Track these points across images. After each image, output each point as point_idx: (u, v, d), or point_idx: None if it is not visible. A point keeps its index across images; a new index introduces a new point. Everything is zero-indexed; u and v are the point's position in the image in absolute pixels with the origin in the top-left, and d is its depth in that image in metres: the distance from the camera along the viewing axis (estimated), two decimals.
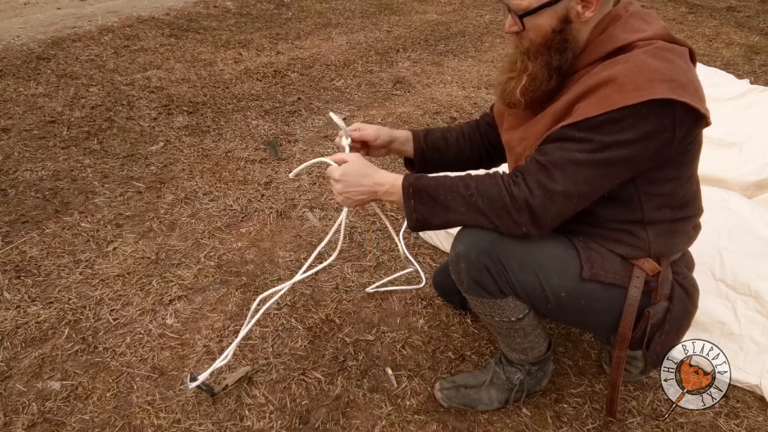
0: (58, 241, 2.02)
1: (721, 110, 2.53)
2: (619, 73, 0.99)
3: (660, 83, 0.95)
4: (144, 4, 5.01)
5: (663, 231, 1.14)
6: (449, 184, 1.12)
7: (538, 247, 1.14)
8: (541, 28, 1.06)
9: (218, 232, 2.11)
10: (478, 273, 1.15)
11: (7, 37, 4.06)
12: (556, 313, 1.20)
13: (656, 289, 1.15)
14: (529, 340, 1.30)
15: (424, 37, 4.59)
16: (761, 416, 1.43)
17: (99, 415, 1.40)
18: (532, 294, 1.16)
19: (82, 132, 2.81)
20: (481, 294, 1.19)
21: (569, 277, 1.13)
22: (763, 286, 1.55)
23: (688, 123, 0.99)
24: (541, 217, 1.06)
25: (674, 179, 1.09)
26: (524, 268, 1.13)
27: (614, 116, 0.98)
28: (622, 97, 0.97)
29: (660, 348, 1.17)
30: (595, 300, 1.14)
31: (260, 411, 1.42)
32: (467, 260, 1.15)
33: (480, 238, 1.13)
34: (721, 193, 1.91)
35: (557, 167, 1.03)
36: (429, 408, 1.44)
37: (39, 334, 1.63)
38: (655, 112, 0.96)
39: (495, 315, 1.23)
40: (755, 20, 5.23)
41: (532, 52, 1.09)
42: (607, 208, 1.12)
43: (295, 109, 3.19)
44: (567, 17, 1.05)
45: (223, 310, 1.74)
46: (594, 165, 1.01)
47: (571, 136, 1.03)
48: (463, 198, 1.10)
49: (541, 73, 1.09)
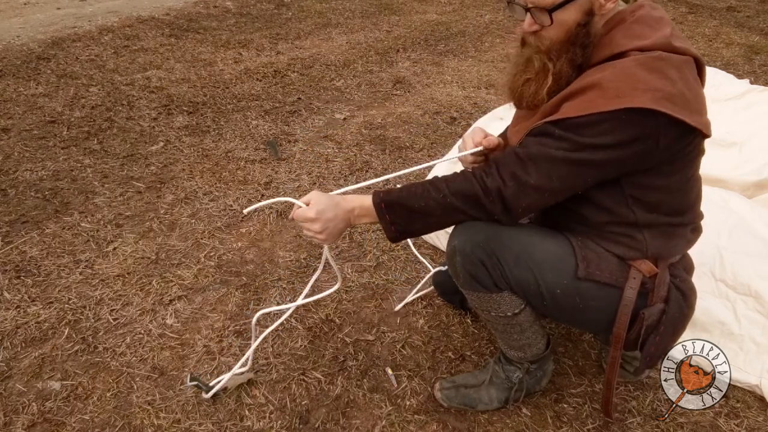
0: (58, 241, 2.02)
1: (721, 110, 2.53)
2: (604, 78, 1.00)
3: (642, 93, 0.95)
4: (144, 4, 5.01)
5: (660, 233, 1.14)
6: (420, 191, 1.13)
7: (535, 243, 1.15)
8: (567, 23, 1.04)
9: (218, 232, 2.11)
10: (473, 267, 1.16)
11: (7, 37, 4.06)
12: (552, 310, 1.20)
13: (653, 290, 1.15)
14: (526, 336, 1.30)
15: (424, 37, 4.59)
16: (761, 416, 1.43)
17: (99, 415, 1.40)
18: (527, 289, 1.16)
19: (82, 132, 2.82)
20: (476, 288, 1.19)
21: (564, 274, 1.14)
22: (763, 286, 1.55)
23: (673, 133, 0.99)
24: (513, 207, 1.09)
25: (663, 188, 1.08)
26: (519, 263, 1.14)
27: (593, 119, 0.99)
28: (603, 102, 0.98)
29: (654, 349, 1.17)
30: (590, 299, 1.15)
31: (260, 411, 1.42)
32: (462, 254, 1.16)
33: (476, 232, 1.15)
34: (721, 193, 1.91)
35: (533, 161, 1.05)
36: (429, 408, 1.44)
37: (39, 334, 1.63)
38: (635, 120, 0.97)
39: (491, 310, 1.23)
40: (755, 20, 5.23)
41: (555, 51, 1.07)
42: (599, 212, 1.13)
43: (295, 109, 3.19)
44: (591, 9, 1.03)
45: (223, 310, 1.74)
46: (568, 163, 1.03)
47: (551, 132, 1.05)
48: (436, 201, 1.12)
49: (566, 70, 1.07)
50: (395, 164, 2.63)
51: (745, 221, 1.73)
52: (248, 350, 1.44)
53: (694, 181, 1.14)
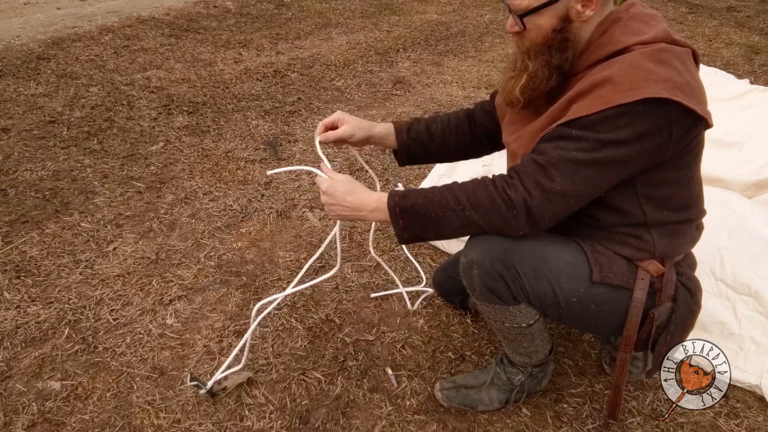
0: (58, 241, 2.02)
1: (721, 110, 2.53)
2: (614, 74, 0.99)
3: (654, 83, 0.96)
4: (144, 4, 5.01)
5: (667, 233, 1.13)
6: (438, 199, 1.10)
7: (551, 253, 1.13)
8: (542, 28, 1.06)
9: (218, 232, 2.11)
10: (492, 280, 1.13)
11: (7, 37, 4.06)
12: (566, 318, 1.19)
13: (660, 290, 1.15)
14: (535, 344, 1.30)
15: (424, 37, 4.59)
16: (761, 416, 1.43)
17: (99, 415, 1.40)
18: (544, 300, 1.15)
19: (82, 132, 2.81)
20: (493, 301, 1.17)
21: (580, 282, 1.12)
22: (763, 286, 1.55)
23: (685, 123, 0.99)
24: (539, 217, 1.05)
25: (673, 182, 1.09)
26: (537, 275, 1.12)
27: (610, 114, 0.98)
28: (618, 95, 0.97)
29: (665, 349, 1.17)
30: (603, 303, 1.14)
31: (260, 411, 1.42)
32: (481, 267, 1.13)
33: (494, 244, 1.12)
34: (721, 193, 1.91)
35: (555, 167, 1.02)
36: (429, 408, 1.44)
37: (39, 334, 1.63)
38: (651, 111, 0.96)
39: (505, 321, 1.22)
40: (755, 20, 5.23)
41: (533, 52, 1.09)
42: (610, 213, 1.12)
43: (295, 109, 3.19)
44: (567, 16, 1.05)
45: (223, 310, 1.74)
46: (591, 164, 1.01)
47: (567, 134, 1.03)
48: (455, 213, 1.09)
49: (542, 71, 1.09)
50: (395, 164, 2.62)
51: (745, 221, 1.73)
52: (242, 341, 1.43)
53: (698, 174, 1.14)
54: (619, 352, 1.18)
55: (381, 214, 1.15)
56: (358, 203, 1.16)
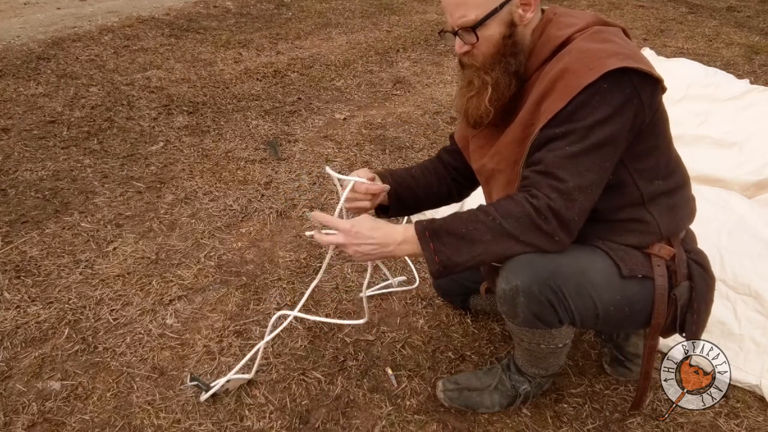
0: (58, 241, 2.02)
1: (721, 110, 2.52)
2: (569, 63, 1.04)
3: (607, 58, 1.01)
4: (144, 4, 5.02)
5: (665, 208, 1.15)
6: (466, 216, 1.07)
7: (585, 264, 1.11)
8: (492, 38, 1.11)
9: (218, 232, 2.11)
10: (539, 306, 1.10)
11: (7, 37, 4.06)
12: (601, 325, 1.18)
13: (675, 271, 1.15)
14: (559, 360, 1.31)
15: (424, 37, 4.59)
16: (761, 416, 1.43)
17: (99, 415, 1.40)
18: (585, 316, 1.13)
19: (82, 132, 2.82)
20: (536, 326, 1.15)
21: (614, 287, 1.11)
22: (763, 286, 1.55)
23: (648, 87, 1.03)
24: (568, 218, 1.03)
25: (655, 148, 1.12)
26: (581, 293, 1.10)
27: (582, 99, 1.01)
28: (581, 80, 1.01)
29: (697, 327, 1.17)
30: (635, 302, 1.13)
31: (260, 411, 1.42)
32: (528, 295, 1.08)
33: (539, 268, 1.07)
34: (721, 193, 1.91)
35: (558, 168, 1.03)
36: (429, 408, 1.44)
37: (39, 334, 1.63)
38: (616, 83, 1.01)
39: (542, 343, 1.21)
40: (755, 20, 5.23)
41: (489, 64, 1.12)
42: (608, 198, 1.11)
43: (295, 109, 3.19)
44: (512, 21, 1.11)
45: (223, 310, 1.74)
46: (589, 151, 1.03)
47: (552, 135, 1.04)
48: (485, 225, 1.05)
49: (503, 79, 1.12)
50: (395, 164, 2.62)
51: (745, 221, 1.73)
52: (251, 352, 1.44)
53: (671, 139, 1.18)
54: (648, 340, 1.19)
55: (409, 245, 1.11)
56: (384, 238, 1.11)
